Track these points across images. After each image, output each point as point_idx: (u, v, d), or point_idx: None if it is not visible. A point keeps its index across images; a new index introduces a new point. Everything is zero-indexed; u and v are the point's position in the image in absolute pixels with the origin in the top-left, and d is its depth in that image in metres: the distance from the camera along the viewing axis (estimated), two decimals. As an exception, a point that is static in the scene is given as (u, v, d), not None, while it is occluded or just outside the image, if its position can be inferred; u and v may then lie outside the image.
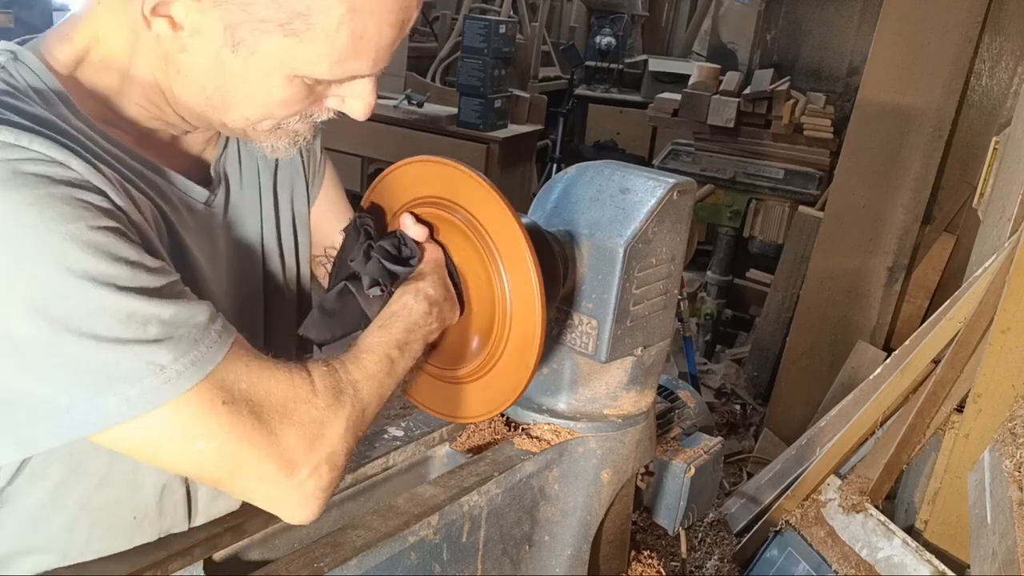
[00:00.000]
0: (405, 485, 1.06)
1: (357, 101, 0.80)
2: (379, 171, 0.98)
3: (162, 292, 0.67)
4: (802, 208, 3.42)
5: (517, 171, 4.53)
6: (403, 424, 1.04)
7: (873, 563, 1.77)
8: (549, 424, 1.03)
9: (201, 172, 0.88)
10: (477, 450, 1.04)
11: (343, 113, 0.82)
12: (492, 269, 0.89)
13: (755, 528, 2.07)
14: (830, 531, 1.89)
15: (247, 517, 0.88)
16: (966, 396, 1.68)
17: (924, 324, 1.79)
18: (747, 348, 3.80)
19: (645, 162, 4.94)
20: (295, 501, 0.73)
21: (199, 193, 0.84)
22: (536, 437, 1.02)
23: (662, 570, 1.26)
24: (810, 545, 1.92)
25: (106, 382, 0.63)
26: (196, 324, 0.67)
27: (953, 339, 1.69)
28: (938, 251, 3.03)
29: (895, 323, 2.98)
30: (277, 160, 0.95)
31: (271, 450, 0.70)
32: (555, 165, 5.27)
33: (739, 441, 3.22)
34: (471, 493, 0.89)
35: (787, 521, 1.99)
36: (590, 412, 1.05)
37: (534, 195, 1.09)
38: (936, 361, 1.76)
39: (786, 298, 3.39)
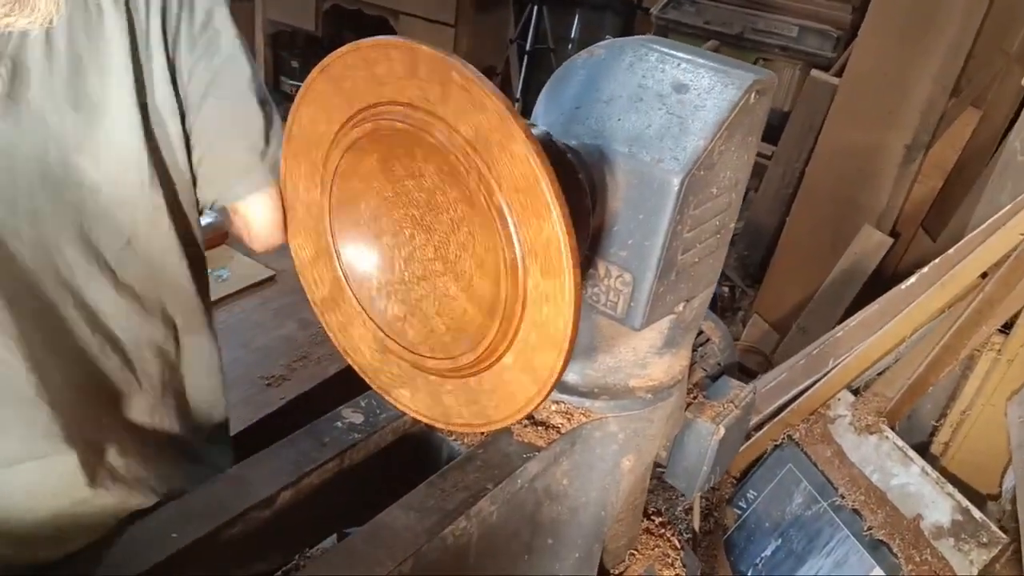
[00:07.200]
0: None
1: None
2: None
3: None
4: (815, 72, 3.06)
5: (492, 15, 4.03)
6: (362, 404, 0.77)
7: (885, 489, 1.62)
8: (559, 403, 0.78)
9: None
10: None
11: None
12: (494, 212, 0.60)
13: (752, 439, 1.91)
14: (838, 450, 1.74)
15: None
16: (1015, 317, 1.47)
17: (975, 232, 1.55)
18: (740, 223, 3.56)
19: (636, 7, 4.44)
20: None
21: None
22: (542, 423, 0.77)
23: (675, 540, 1.07)
24: (814, 463, 1.76)
25: None
26: None
27: (1013, 252, 1.45)
28: (960, 127, 2.73)
29: (905, 206, 2.74)
30: None
31: None
32: (534, 7, 4.73)
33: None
34: (458, 520, 0.65)
35: (790, 436, 1.83)
36: (612, 385, 0.80)
37: (511, 42, 0.78)
38: (984, 275, 1.53)
39: (788, 172, 3.11)
